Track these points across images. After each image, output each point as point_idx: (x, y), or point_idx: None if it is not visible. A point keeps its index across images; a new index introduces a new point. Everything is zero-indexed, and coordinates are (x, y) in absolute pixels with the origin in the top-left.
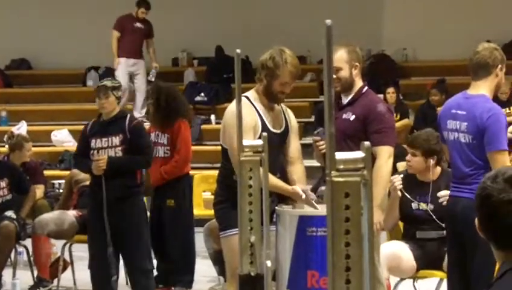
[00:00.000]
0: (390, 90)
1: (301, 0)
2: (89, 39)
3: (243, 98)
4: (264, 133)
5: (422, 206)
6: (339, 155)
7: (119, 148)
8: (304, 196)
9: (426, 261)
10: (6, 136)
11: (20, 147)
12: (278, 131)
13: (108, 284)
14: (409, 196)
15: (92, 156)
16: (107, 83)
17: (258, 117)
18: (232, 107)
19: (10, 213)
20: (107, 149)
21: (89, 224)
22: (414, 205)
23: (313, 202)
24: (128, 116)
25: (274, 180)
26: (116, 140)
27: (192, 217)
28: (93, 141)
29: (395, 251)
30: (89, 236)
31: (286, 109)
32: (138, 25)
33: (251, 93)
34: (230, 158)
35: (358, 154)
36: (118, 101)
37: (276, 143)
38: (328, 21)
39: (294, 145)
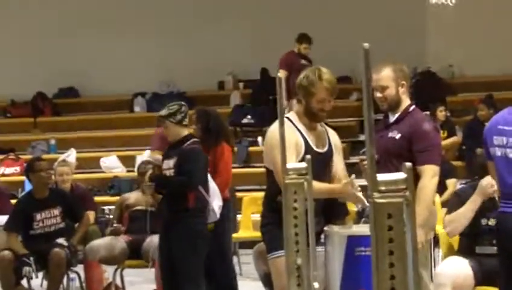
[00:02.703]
0: (442, 108)
1: (345, 20)
2: (135, 65)
3: (284, 119)
4: (308, 156)
5: (492, 222)
6: (381, 177)
7: (172, 170)
8: (353, 189)
9: (484, 277)
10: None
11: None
12: (322, 150)
13: None
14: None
15: None
16: (162, 112)
17: (300, 137)
18: (272, 128)
19: (61, 240)
20: (166, 171)
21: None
22: (483, 221)
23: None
24: (190, 141)
25: (320, 185)
26: (171, 163)
27: (230, 240)
28: (163, 162)
29: (458, 269)
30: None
31: (328, 129)
32: (304, 62)
33: (292, 115)
34: (276, 178)
35: (400, 175)
36: (181, 124)
37: (321, 163)
38: (366, 44)
39: (339, 165)
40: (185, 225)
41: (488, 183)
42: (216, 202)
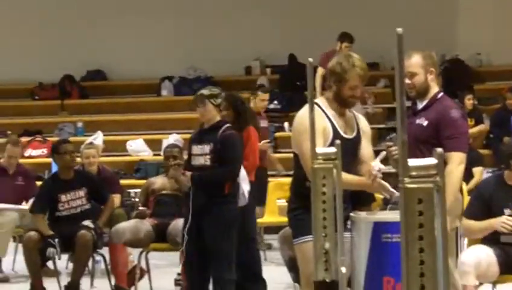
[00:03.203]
0: (470, 96)
1: (374, 7)
2: (162, 49)
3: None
4: (338, 141)
5: None
6: (412, 162)
7: (208, 156)
8: (379, 183)
9: (508, 266)
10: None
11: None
12: (350, 136)
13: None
14: (501, 201)
15: (191, 162)
16: (204, 91)
17: (328, 122)
18: (300, 113)
19: (87, 222)
20: (199, 156)
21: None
22: (507, 211)
23: (388, 186)
24: (225, 126)
25: (348, 177)
26: (207, 148)
27: (255, 225)
28: (193, 147)
29: (482, 258)
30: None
31: (357, 115)
32: None
33: (321, 100)
34: (302, 164)
35: (431, 160)
36: (219, 109)
37: (349, 148)
38: (399, 29)
39: (367, 150)
40: (221, 211)
41: (499, 222)
42: (245, 186)
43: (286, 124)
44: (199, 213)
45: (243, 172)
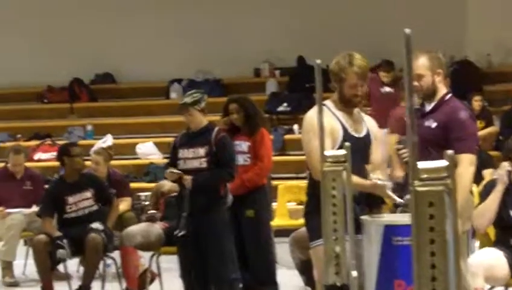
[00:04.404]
0: (477, 98)
1: (382, 8)
2: (171, 52)
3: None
4: (347, 143)
5: None
6: (422, 164)
7: (204, 159)
8: (382, 186)
9: None
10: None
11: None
12: (359, 135)
13: None
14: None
15: (178, 166)
16: (187, 99)
17: (337, 122)
18: (308, 114)
19: (97, 225)
20: (193, 160)
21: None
22: None
23: (392, 194)
24: (216, 129)
25: (354, 178)
26: (201, 151)
27: (270, 227)
28: (181, 151)
29: (491, 260)
30: (178, 246)
31: (365, 116)
32: (386, 90)
33: (328, 102)
34: (307, 163)
35: (441, 163)
36: (203, 112)
37: (360, 147)
38: (407, 30)
39: (377, 151)
40: (219, 212)
41: (503, 167)
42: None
43: (295, 127)
44: (197, 216)
45: None
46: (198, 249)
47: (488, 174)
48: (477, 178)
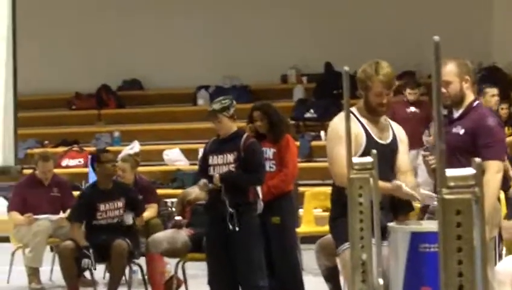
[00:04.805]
0: (504, 106)
1: (410, 15)
2: (198, 59)
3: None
4: (374, 151)
5: None
6: (450, 172)
7: (233, 165)
8: (403, 188)
9: None
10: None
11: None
12: (385, 142)
13: None
14: None
15: (209, 172)
16: (215, 106)
17: (361, 128)
18: (334, 121)
19: (129, 218)
20: (222, 166)
21: (208, 240)
22: None
23: (415, 192)
24: (245, 135)
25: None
26: (230, 157)
27: (296, 234)
28: (210, 158)
29: None
30: (207, 252)
31: (393, 123)
32: (412, 110)
33: (354, 109)
34: (330, 169)
35: (469, 170)
36: (233, 118)
37: (386, 154)
38: (436, 37)
39: (404, 157)
40: (249, 218)
41: None
42: (260, 194)
43: (322, 133)
44: (224, 221)
45: None
46: (227, 255)
47: None
48: (506, 184)
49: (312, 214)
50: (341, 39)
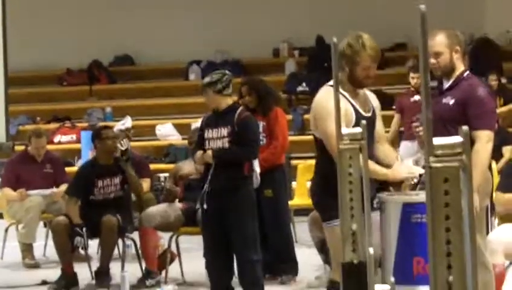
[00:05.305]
0: (493, 77)
1: None
2: (190, 34)
3: (328, 87)
4: (363, 121)
5: None
6: (437, 140)
7: (227, 139)
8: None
9: None
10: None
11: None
12: (369, 114)
13: (225, 272)
14: None
15: (205, 146)
16: (206, 79)
17: (348, 104)
18: (319, 97)
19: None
20: (217, 140)
21: (203, 214)
22: None
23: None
24: (239, 109)
25: (372, 166)
26: (224, 131)
27: (288, 206)
28: (206, 132)
29: (511, 236)
30: (203, 226)
31: (367, 92)
32: (416, 98)
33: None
34: (328, 149)
35: (457, 139)
36: (220, 94)
37: (369, 126)
38: (422, 6)
39: (379, 125)
40: (244, 192)
41: None
42: (257, 169)
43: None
44: (220, 195)
45: None
46: (221, 228)
47: (507, 151)
48: (497, 155)
49: (305, 187)
50: (332, 12)
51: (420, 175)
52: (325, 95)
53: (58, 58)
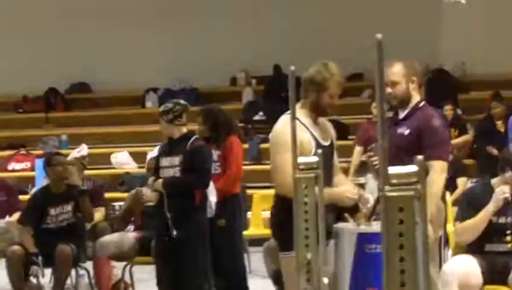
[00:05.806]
0: (448, 107)
1: (357, 18)
2: (147, 61)
3: (287, 116)
4: (319, 150)
5: (502, 219)
6: (392, 170)
7: (178, 168)
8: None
9: (492, 276)
10: None
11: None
12: (327, 143)
13: None
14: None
15: (159, 175)
16: (160, 108)
17: (308, 133)
18: (278, 127)
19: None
20: (169, 168)
21: (155, 244)
22: (494, 219)
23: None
24: (193, 138)
25: (327, 190)
26: (176, 160)
27: (242, 237)
28: (161, 160)
29: (465, 268)
30: (155, 256)
31: (325, 122)
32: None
33: (297, 111)
34: (272, 177)
35: (412, 168)
36: (171, 123)
37: (327, 155)
38: (379, 35)
39: (336, 160)
40: (194, 222)
41: (500, 190)
42: (212, 198)
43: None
44: (172, 226)
45: (210, 183)
46: (173, 260)
47: (461, 182)
48: (451, 186)
49: (260, 217)
50: (290, 41)
51: (376, 202)
52: (281, 125)
53: (14, 85)
